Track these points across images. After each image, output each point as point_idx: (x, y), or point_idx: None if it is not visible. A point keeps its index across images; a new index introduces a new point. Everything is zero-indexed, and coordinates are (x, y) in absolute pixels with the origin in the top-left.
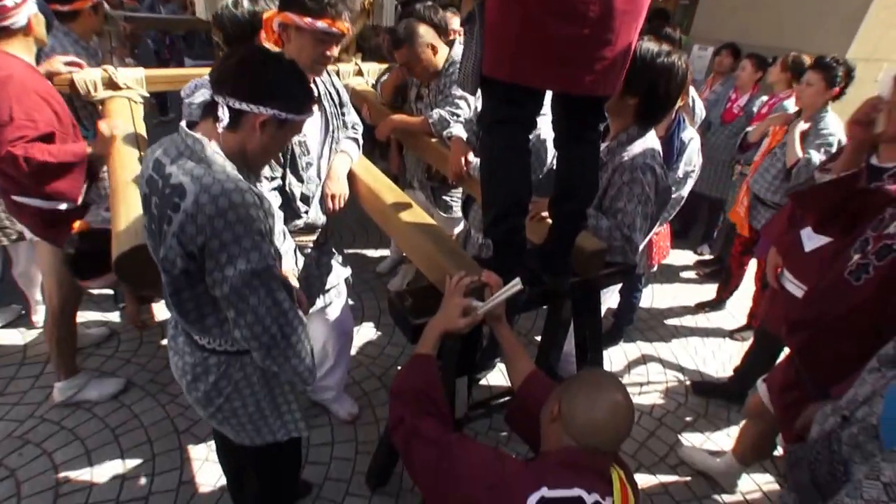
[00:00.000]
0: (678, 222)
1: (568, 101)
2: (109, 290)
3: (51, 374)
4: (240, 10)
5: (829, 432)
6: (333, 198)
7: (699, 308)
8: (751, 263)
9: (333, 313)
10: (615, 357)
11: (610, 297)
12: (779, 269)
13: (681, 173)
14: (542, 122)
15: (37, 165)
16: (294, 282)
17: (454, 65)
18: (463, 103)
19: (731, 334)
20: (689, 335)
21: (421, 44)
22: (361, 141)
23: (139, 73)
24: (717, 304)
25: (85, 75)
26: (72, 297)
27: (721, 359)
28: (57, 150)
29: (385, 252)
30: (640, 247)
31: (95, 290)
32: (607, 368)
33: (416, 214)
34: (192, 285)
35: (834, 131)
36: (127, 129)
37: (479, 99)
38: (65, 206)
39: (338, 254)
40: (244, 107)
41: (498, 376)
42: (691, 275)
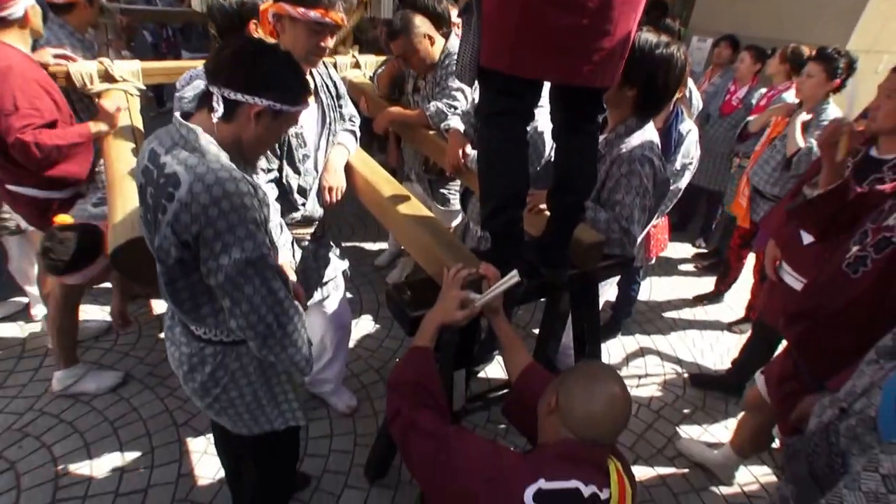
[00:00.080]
0: (676, 215)
1: (566, 92)
2: (108, 284)
3: (50, 367)
4: (227, 0)
5: (827, 424)
6: (331, 190)
7: (697, 301)
8: (749, 256)
9: (331, 306)
10: (613, 350)
11: (608, 289)
12: (777, 262)
13: (678, 165)
14: (540, 114)
15: (48, 150)
16: (291, 275)
17: (451, 56)
18: (460, 95)
19: (730, 327)
20: (688, 328)
21: (418, 34)
22: (359, 133)
23: (135, 66)
24: (715, 297)
25: (81, 68)
26: (75, 289)
27: (719, 351)
28: (63, 133)
29: (383, 245)
30: (639, 239)
31: (96, 285)
32: (605, 361)
33: (413, 207)
34: (186, 274)
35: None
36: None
37: (477, 90)
38: (60, 196)
39: (335, 247)
40: (239, 97)
41: (496, 369)
42: (689, 267)
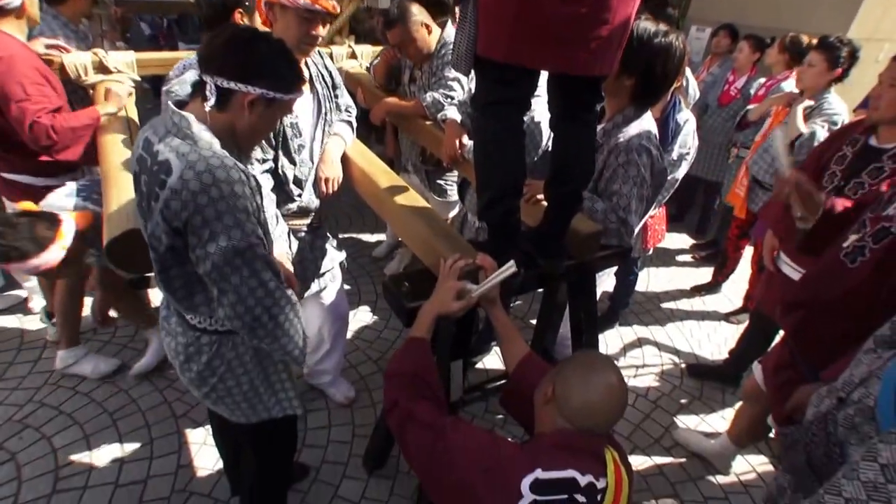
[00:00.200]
0: (674, 206)
1: (564, 80)
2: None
3: (48, 359)
4: None
5: (825, 414)
6: (327, 181)
7: (695, 291)
8: (746, 247)
9: (329, 297)
10: (611, 340)
11: (606, 280)
12: (775, 252)
13: (675, 155)
14: (537, 104)
15: (63, 133)
16: (288, 265)
17: (447, 46)
18: (457, 85)
19: (727, 317)
20: (685, 318)
21: (414, 23)
22: (355, 124)
23: (130, 57)
24: (713, 288)
25: (75, 59)
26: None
27: (716, 341)
28: (76, 116)
29: (381, 236)
30: (636, 229)
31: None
32: (603, 351)
33: (410, 198)
34: (179, 263)
35: (839, 111)
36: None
37: (473, 80)
38: (56, 183)
39: (332, 238)
40: (232, 86)
41: (494, 359)
42: (687, 258)
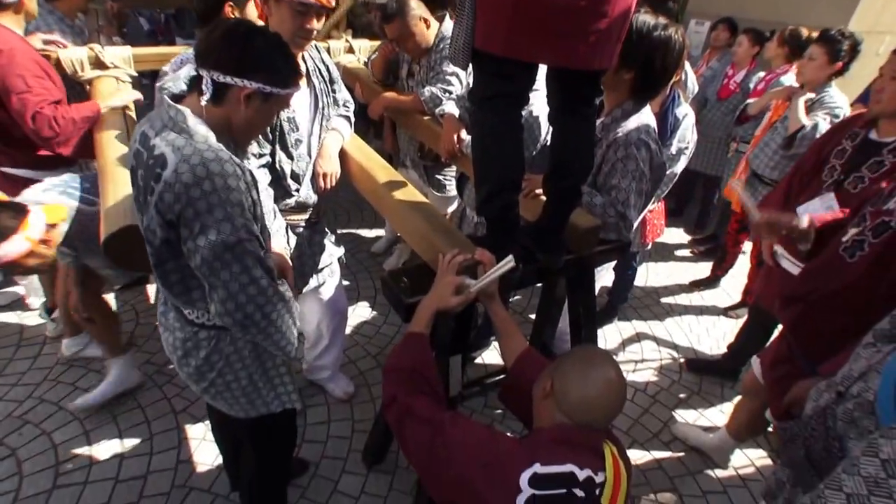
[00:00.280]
0: (673, 200)
1: (563, 74)
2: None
3: (48, 355)
4: None
5: (824, 408)
6: (325, 176)
7: (694, 286)
8: (745, 241)
9: (327, 293)
10: (610, 335)
11: (604, 275)
12: (774, 247)
13: (674, 150)
14: (536, 98)
15: (65, 124)
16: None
17: (445, 40)
18: (455, 80)
19: (726, 312)
20: (684, 313)
21: (413, 16)
22: (353, 119)
23: (126, 52)
24: (712, 282)
25: (71, 54)
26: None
27: (715, 336)
28: (78, 108)
29: (380, 232)
30: (635, 224)
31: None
32: (602, 346)
33: (408, 193)
34: (175, 257)
35: (840, 104)
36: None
37: (471, 75)
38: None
39: (330, 233)
40: (228, 80)
41: (493, 354)
42: (686, 253)
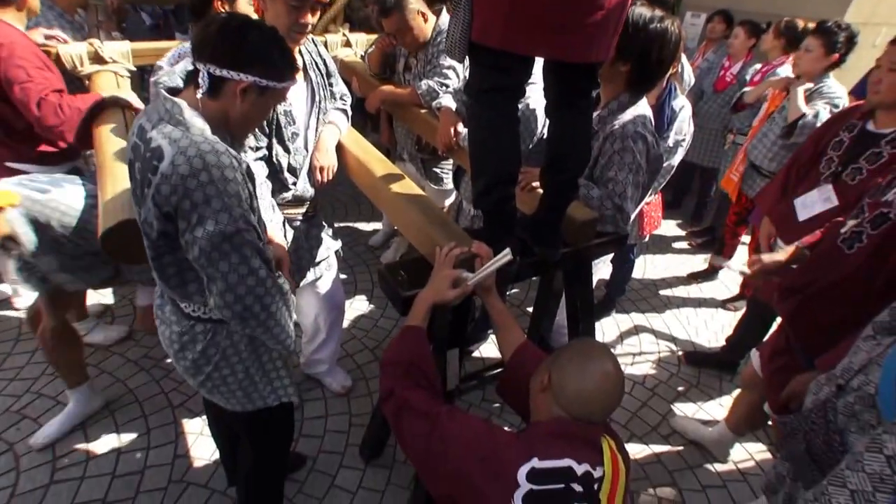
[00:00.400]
0: (670, 192)
1: (560, 67)
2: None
3: None
4: None
5: (824, 402)
6: (322, 170)
7: (692, 278)
8: (744, 233)
9: (324, 286)
10: (607, 328)
11: (602, 267)
12: (772, 239)
13: (671, 142)
14: (533, 91)
15: (70, 113)
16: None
17: (442, 34)
18: (451, 73)
19: (724, 304)
20: (682, 305)
21: (411, 10)
22: (350, 112)
23: (125, 47)
24: (710, 275)
25: (71, 49)
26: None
27: (713, 329)
28: (81, 98)
29: (377, 225)
30: (632, 216)
31: None
32: (600, 339)
33: (406, 186)
34: (172, 250)
35: (840, 94)
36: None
37: (468, 68)
38: (61, 172)
39: (327, 227)
40: (224, 73)
41: (491, 348)
42: (683, 245)
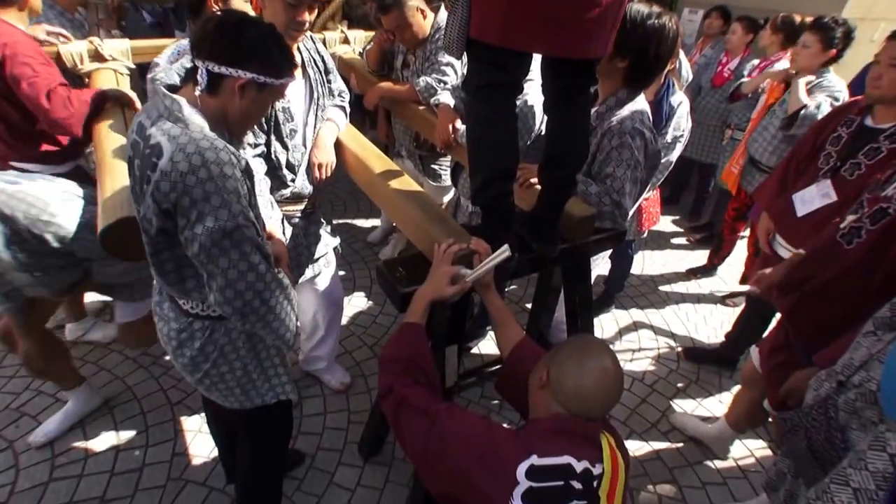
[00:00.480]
0: (668, 188)
1: (558, 63)
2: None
3: None
4: None
5: (825, 398)
6: (320, 167)
7: (690, 274)
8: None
9: (323, 283)
10: (606, 324)
11: (600, 263)
12: (770, 234)
13: (669, 138)
14: (531, 87)
15: (78, 106)
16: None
17: (440, 31)
18: (449, 70)
19: (723, 300)
20: (681, 301)
21: (410, 7)
22: (349, 109)
23: (125, 45)
24: (709, 270)
25: (71, 48)
26: None
27: (713, 325)
28: (86, 91)
29: (376, 222)
30: (630, 212)
31: None
32: (598, 335)
33: (404, 183)
34: (170, 246)
35: (840, 87)
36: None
37: (466, 65)
38: (63, 171)
39: (326, 223)
40: (222, 70)
41: (489, 344)
42: (682, 241)
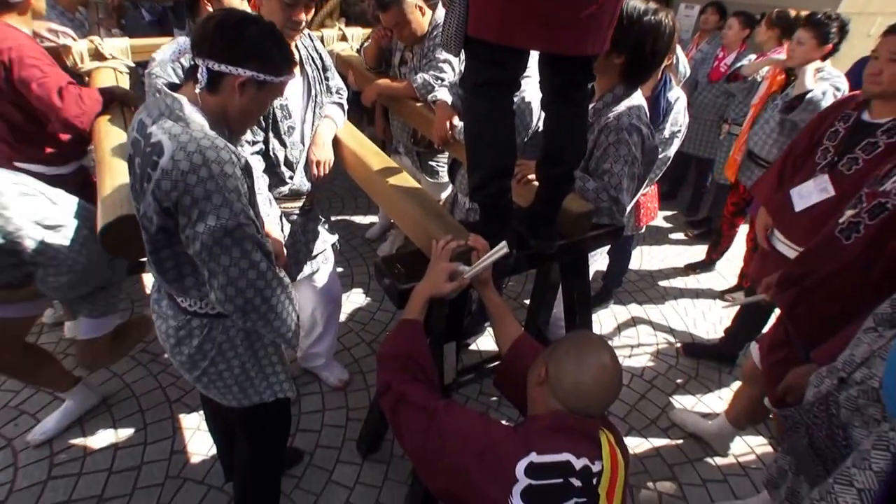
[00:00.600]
0: (666, 183)
1: (556, 60)
2: None
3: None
4: None
5: (826, 395)
6: (318, 164)
7: (689, 269)
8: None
9: (321, 280)
10: (605, 320)
11: (599, 259)
12: (768, 230)
13: (667, 134)
14: (528, 84)
15: (90, 104)
16: (282, 249)
17: (438, 28)
18: (447, 67)
19: (722, 295)
20: (680, 297)
21: (409, 4)
22: (347, 106)
23: (124, 44)
24: (707, 266)
25: (72, 46)
26: None
27: (711, 320)
28: (95, 89)
29: (374, 218)
30: (628, 208)
31: None
32: (597, 331)
33: (402, 179)
34: (170, 244)
35: (841, 79)
36: None
37: (463, 62)
38: (67, 171)
39: (324, 220)
40: (222, 68)
41: (488, 341)
42: (680, 236)
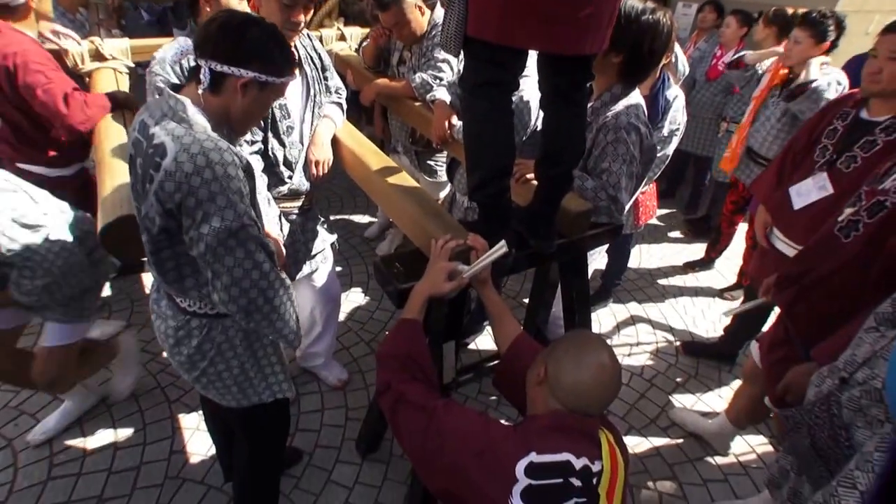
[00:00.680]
0: (665, 182)
1: (555, 59)
2: None
3: None
4: None
5: (827, 395)
6: (317, 164)
7: (688, 268)
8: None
9: (320, 279)
10: (604, 318)
11: (597, 258)
12: (767, 228)
13: (665, 132)
14: (526, 83)
15: (95, 108)
16: (280, 247)
17: (437, 28)
18: (446, 66)
19: (721, 293)
20: (679, 295)
21: (409, 4)
22: (345, 106)
23: (124, 44)
24: (706, 264)
25: (73, 47)
26: None
27: (711, 318)
28: (99, 95)
29: (373, 217)
30: (627, 206)
31: None
32: (596, 330)
33: (401, 179)
34: (171, 245)
35: (842, 74)
36: None
37: (462, 61)
38: (69, 173)
39: (323, 219)
40: (225, 69)
41: (487, 340)
42: (679, 234)
